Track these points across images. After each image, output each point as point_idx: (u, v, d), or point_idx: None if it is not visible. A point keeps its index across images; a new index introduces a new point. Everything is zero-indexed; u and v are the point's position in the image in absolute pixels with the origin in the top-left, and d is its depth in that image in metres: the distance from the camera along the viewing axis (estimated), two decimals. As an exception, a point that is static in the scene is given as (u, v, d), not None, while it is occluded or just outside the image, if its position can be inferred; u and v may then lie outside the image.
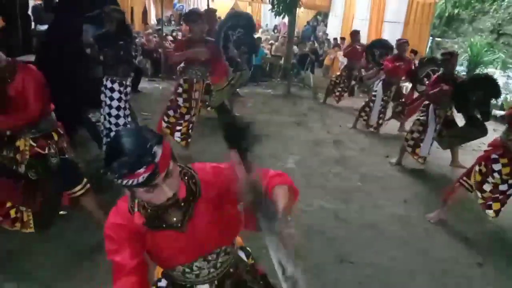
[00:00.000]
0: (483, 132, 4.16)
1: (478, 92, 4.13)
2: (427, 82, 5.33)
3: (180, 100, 4.16)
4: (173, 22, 14.09)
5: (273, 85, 8.78)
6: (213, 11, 5.96)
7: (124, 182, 1.05)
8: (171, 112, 4.21)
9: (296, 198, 1.30)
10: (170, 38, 9.82)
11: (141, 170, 1.03)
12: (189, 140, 4.32)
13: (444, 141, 4.81)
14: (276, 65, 9.88)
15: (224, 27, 4.84)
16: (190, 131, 4.29)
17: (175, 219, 1.26)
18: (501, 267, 3.10)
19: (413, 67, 6.01)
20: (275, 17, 8.29)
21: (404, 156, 4.90)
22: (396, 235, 3.36)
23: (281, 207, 1.12)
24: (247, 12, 9.84)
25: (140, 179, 1.04)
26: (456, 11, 13.37)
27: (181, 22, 11.47)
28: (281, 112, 6.73)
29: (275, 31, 14.70)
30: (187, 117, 4.19)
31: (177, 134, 4.24)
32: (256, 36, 8.23)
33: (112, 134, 3.96)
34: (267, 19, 15.79)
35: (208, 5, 8.33)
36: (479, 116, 4.23)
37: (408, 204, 3.97)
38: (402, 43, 5.83)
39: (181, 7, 13.19)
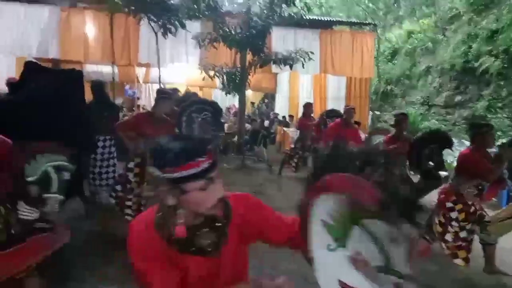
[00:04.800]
0: (438, 182, 4.30)
1: (432, 145, 4.39)
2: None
3: (131, 175, 3.99)
4: (124, 109, 14.21)
5: (227, 159, 8.84)
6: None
7: (183, 173, 1.03)
8: (118, 187, 4.02)
9: None
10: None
11: (202, 158, 1.04)
12: None
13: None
14: (229, 142, 10.08)
15: (187, 110, 4.86)
16: (142, 208, 3.97)
17: (208, 242, 1.18)
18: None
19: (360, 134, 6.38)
20: (226, 95, 8.68)
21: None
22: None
23: None
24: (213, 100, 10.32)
25: (201, 166, 1.04)
26: (389, 87, 14.80)
27: (134, 108, 11.62)
28: (237, 184, 6.69)
29: (227, 112, 15.25)
30: (137, 191, 3.97)
31: (128, 210, 3.98)
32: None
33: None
34: (218, 102, 16.46)
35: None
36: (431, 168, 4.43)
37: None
38: (349, 109, 6.15)
39: (132, 93, 13.44)
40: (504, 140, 8.44)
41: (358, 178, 1.16)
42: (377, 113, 13.38)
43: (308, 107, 7.74)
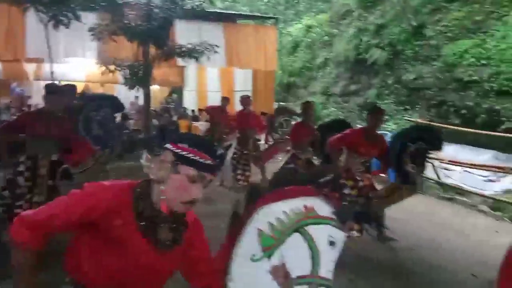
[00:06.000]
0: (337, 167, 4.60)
1: (333, 133, 4.66)
2: (281, 130, 5.93)
3: (21, 179, 3.61)
4: (12, 109, 12.76)
5: (135, 157, 8.53)
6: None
7: (192, 155, 1.19)
8: (6, 193, 3.66)
9: None
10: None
11: (215, 159, 1.23)
12: None
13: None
14: (136, 138, 9.71)
15: (84, 108, 4.61)
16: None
17: (166, 237, 1.27)
18: (369, 277, 3.42)
19: (264, 121, 6.66)
20: (130, 90, 8.31)
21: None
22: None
23: None
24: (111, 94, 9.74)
25: (210, 162, 1.21)
26: (292, 79, 15.56)
27: (24, 108, 10.51)
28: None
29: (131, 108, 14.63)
30: (28, 196, 3.61)
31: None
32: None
33: None
34: (121, 99, 15.71)
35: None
36: None
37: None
38: (244, 98, 6.44)
39: (21, 91, 12.13)
40: (391, 124, 9.45)
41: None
42: (282, 104, 13.98)
43: (225, 100, 7.89)
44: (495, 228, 5.08)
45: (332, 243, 1.23)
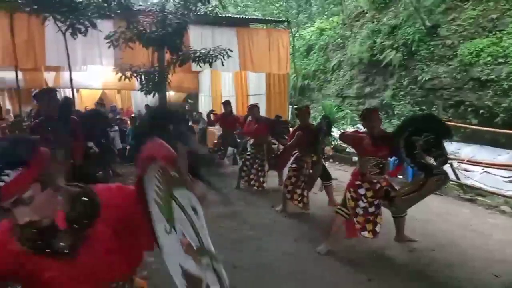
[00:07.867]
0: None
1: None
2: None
3: None
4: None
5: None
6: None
7: None
8: None
9: None
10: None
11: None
12: None
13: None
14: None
15: None
16: None
17: (63, 243, 1.09)
18: (387, 278, 3.38)
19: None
20: (146, 96, 8.41)
21: (288, 203, 5.18)
22: (290, 270, 3.44)
23: None
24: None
25: None
26: (306, 82, 15.53)
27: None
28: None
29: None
30: None
31: None
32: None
33: None
34: (138, 106, 15.93)
35: (72, 94, 8.14)
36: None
37: (298, 242, 4.14)
38: (252, 106, 6.50)
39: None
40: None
41: (157, 141, 1.13)
42: (296, 106, 13.98)
43: (225, 104, 7.94)
44: (517, 228, 4.96)
45: (194, 209, 1.10)
